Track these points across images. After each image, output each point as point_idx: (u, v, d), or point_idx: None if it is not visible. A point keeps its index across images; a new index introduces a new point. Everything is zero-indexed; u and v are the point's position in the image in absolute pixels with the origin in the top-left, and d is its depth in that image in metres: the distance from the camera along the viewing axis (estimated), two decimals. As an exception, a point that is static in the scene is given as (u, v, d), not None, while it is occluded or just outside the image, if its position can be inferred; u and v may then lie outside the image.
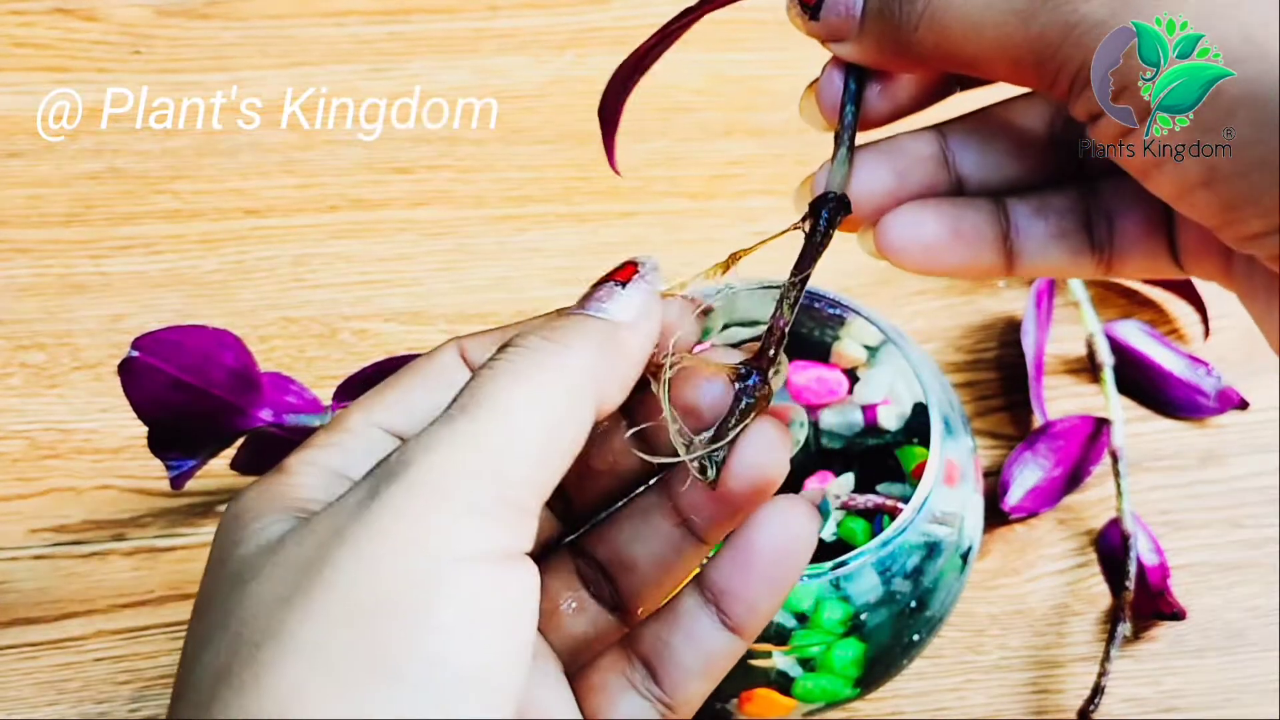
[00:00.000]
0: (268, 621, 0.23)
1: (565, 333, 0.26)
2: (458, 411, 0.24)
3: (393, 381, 0.28)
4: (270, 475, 0.27)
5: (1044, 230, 0.30)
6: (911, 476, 0.42)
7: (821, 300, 0.43)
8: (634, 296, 0.27)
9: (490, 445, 0.24)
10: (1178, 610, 0.46)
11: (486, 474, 0.24)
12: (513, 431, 0.24)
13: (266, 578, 0.24)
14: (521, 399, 0.25)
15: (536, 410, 0.25)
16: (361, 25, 0.60)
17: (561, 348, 0.26)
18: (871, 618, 0.39)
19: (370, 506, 0.23)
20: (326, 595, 0.23)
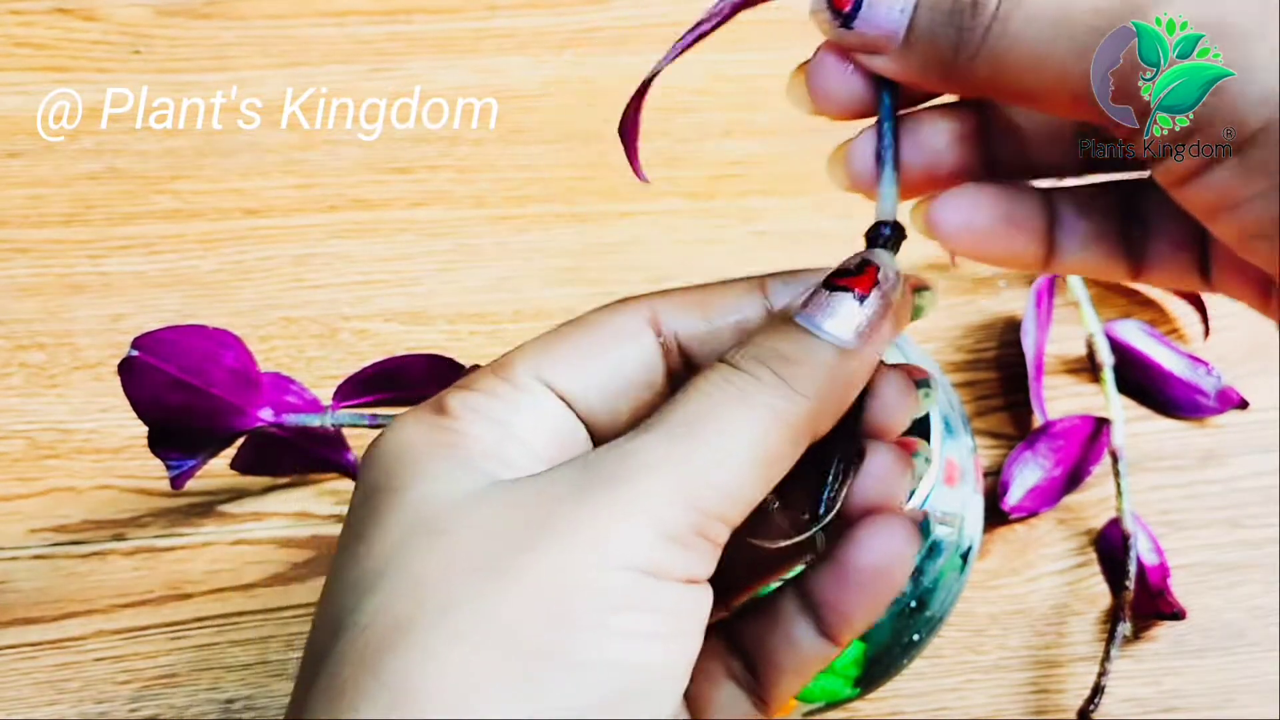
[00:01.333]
0: (461, 588, 0.23)
1: (793, 362, 0.25)
2: (677, 428, 0.24)
3: (566, 333, 0.28)
4: (428, 413, 0.26)
5: (1086, 229, 0.29)
6: (911, 476, 0.42)
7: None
8: (872, 317, 0.26)
9: (701, 477, 0.24)
10: (1178, 610, 0.46)
11: (693, 504, 0.24)
12: (726, 467, 0.24)
13: (462, 541, 0.24)
14: (741, 433, 0.24)
15: (754, 448, 0.24)
16: (361, 25, 0.60)
17: (787, 386, 0.25)
18: (871, 618, 0.39)
19: (578, 509, 0.24)
20: (524, 581, 0.23)
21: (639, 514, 0.23)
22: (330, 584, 0.25)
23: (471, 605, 0.23)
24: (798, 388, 0.25)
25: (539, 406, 0.27)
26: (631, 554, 0.23)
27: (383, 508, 0.25)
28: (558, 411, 0.27)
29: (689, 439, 0.24)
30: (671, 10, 0.60)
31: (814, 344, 0.26)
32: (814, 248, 0.55)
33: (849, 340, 0.26)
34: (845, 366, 0.26)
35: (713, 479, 0.24)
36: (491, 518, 0.24)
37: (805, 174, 0.56)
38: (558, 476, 0.24)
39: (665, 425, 0.25)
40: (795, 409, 0.25)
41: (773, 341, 0.26)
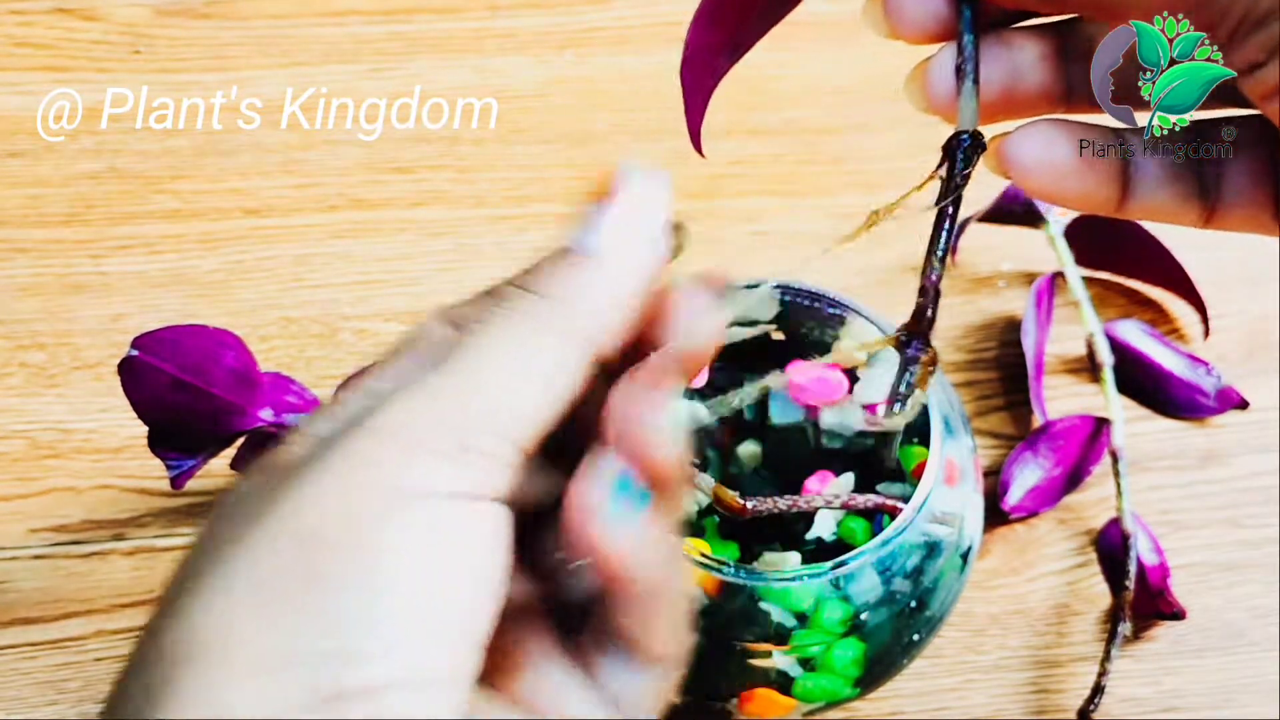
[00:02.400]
0: (209, 560, 0.22)
1: (541, 279, 0.25)
2: (429, 367, 0.24)
3: (384, 355, 0.27)
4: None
5: (1159, 168, 0.28)
6: (911, 476, 0.42)
7: (821, 300, 0.43)
8: (612, 221, 0.26)
9: (456, 394, 0.23)
10: (1178, 610, 0.46)
11: (451, 421, 0.23)
12: (482, 382, 0.23)
13: (219, 524, 0.23)
14: (496, 352, 0.24)
15: (510, 360, 0.24)
16: (361, 25, 0.60)
17: (538, 297, 0.25)
18: (871, 617, 0.39)
19: (327, 449, 0.23)
20: (267, 526, 0.22)
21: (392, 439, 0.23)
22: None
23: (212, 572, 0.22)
24: (545, 296, 0.25)
25: None
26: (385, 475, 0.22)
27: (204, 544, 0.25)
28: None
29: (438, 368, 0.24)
30: (671, 10, 0.60)
31: (562, 258, 0.25)
32: (813, 248, 0.55)
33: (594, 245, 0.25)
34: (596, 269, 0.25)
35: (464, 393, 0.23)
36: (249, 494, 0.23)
37: (805, 174, 0.56)
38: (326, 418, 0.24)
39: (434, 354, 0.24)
40: (550, 317, 0.24)
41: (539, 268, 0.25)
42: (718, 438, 0.44)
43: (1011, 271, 0.54)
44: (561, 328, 0.25)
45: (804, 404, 0.44)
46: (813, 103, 0.58)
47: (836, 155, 0.57)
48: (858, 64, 0.58)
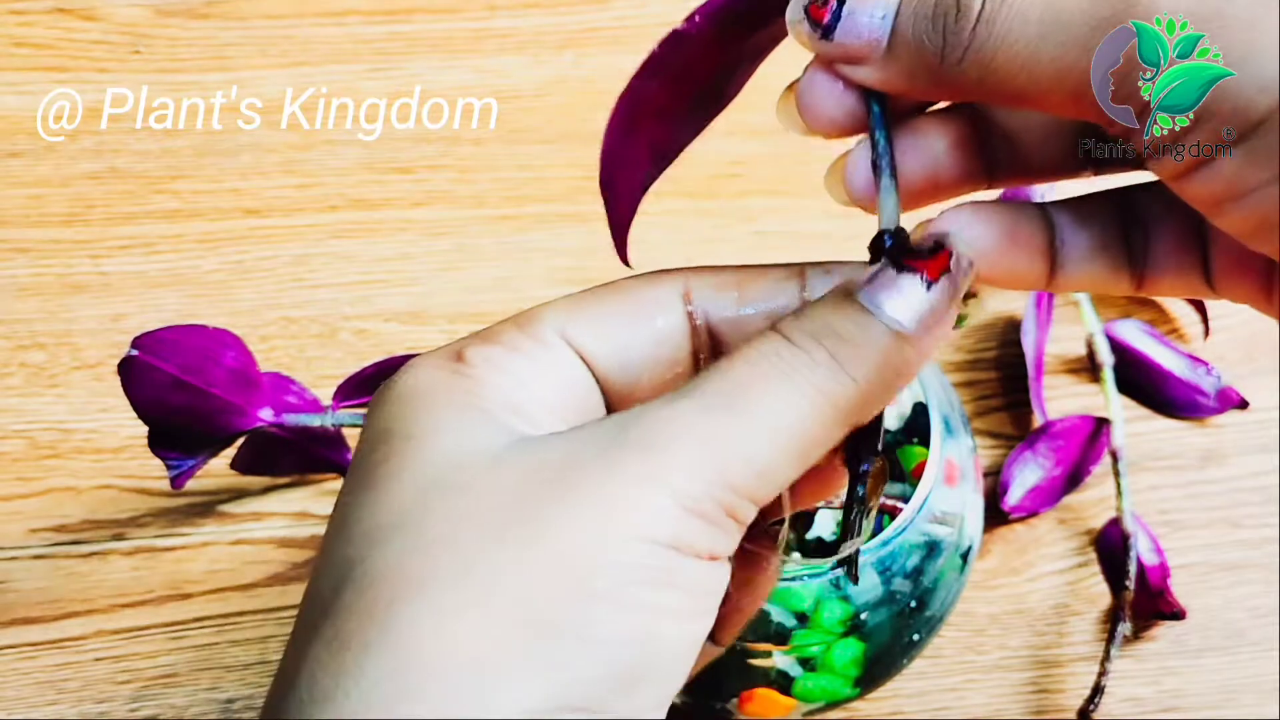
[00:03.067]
0: (479, 550, 0.22)
1: (848, 342, 0.24)
2: (716, 397, 0.24)
3: (598, 294, 0.27)
4: (446, 359, 0.26)
5: (1086, 241, 0.28)
6: (911, 476, 0.42)
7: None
8: (936, 304, 0.25)
9: (735, 452, 0.23)
10: (1178, 610, 0.46)
11: (722, 479, 0.23)
12: (762, 444, 0.23)
13: (483, 500, 0.23)
14: (782, 410, 0.24)
15: (794, 428, 0.24)
16: (362, 25, 0.60)
17: (838, 363, 0.24)
18: (871, 617, 0.39)
19: (604, 475, 0.23)
20: (543, 548, 0.22)
21: (666, 485, 0.23)
22: (336, 531, 0.24)
23: (488, 569, 0.22)
24: (849, 370, 0.24)
25: (559, 364, 0.26)
26: (655, 527, 0.23)
27: (398, 456, 0.24)
28: (577, 372, 0.26)
29: (727, 411, 0.23)
30: (671, 10, 0.59)
31: (873, 326, 0.24)
32: (814, 248, 0.55)
33: (910, 326, 0.24)
34: (901, 354, 0.24)
35: (746, 455, 0.23)
36: (514, 478, 0.23)
37: (805, 174, 0.56)
38: (585, 437, 0.24)
39: (704, 393, 0.24)
40: (844, 392, 0.24)
41: (830, 317, 0.25)
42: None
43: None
44: (844, 401, 0.24)
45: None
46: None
47: (836, 155, 0.57)
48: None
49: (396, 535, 0.23)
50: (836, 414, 0.24)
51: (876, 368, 0.24)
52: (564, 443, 0.24)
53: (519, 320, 0.27)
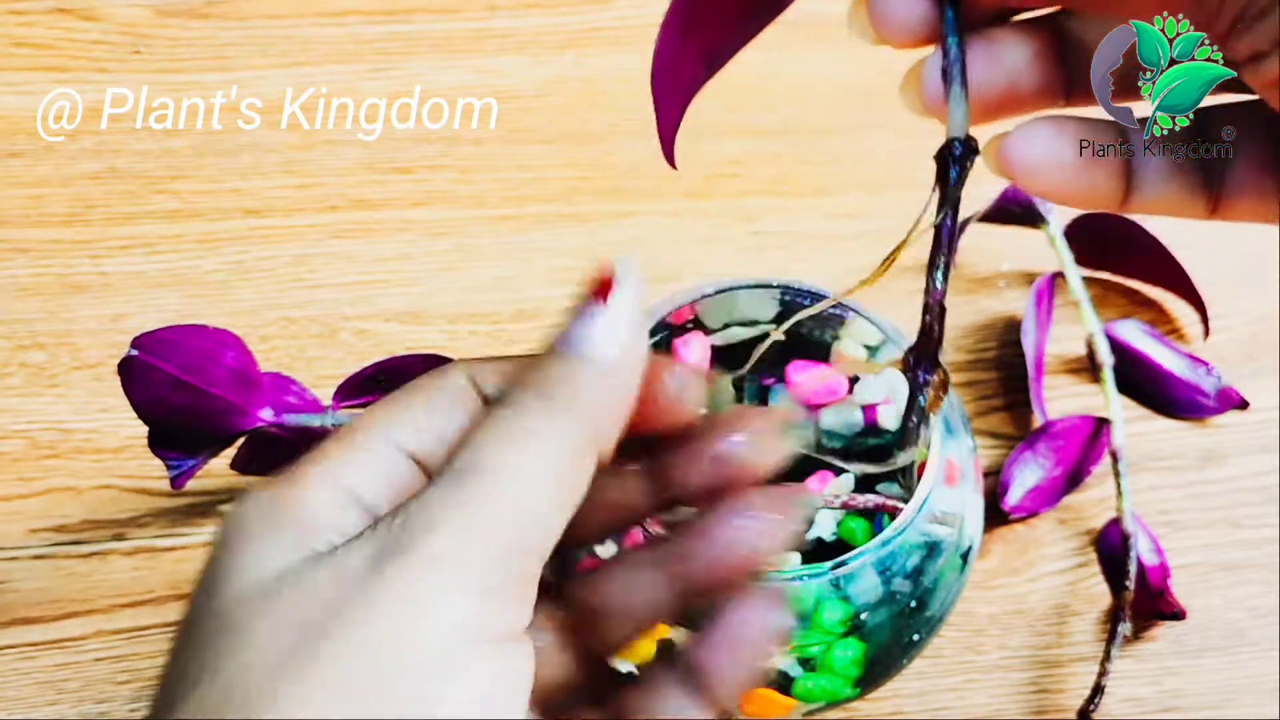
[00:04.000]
0: (260, 687, 0.22)
1: (556, 387, 0.25)
2: (463, 475, 0.24)
3: (404, 398, 0.27)
4: (280, 482, 0.26)
5: (1163, 162, 0.28)
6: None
7: (821, 300, 0.42)
8: (616, 323, 0.26)
9: (494, 517, 0.24)
10: (1178, 610, 0.46)
11: (496, 549, 0.23)
12: (517, 500, 0.24)
13: (262, 633, 0.23)
14: (528, 464, 0.24)
15: (539, 475, 0.24)
16: (362, 25, 0.60)
17: (554, 407, 0.25)
18: (871, 617, 0.39)
19: (376, 577, 0.23)
20: (324, 670, 0.22)
21: (442, 572, 0.23)
22: (179, 636, 0.25)
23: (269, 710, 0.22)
24: (561, 407, 0.25)
25: (390, 469, 0.26)
26: (440, 619, 0.23)
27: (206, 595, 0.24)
28: (405, 470, 0.26)
29: (474, 483, 0.24)
30: (671, 10, 0.60)
31: (568, 363, 0.26)
32: (814, 248, 0.55)
33: (600, 350, 0.26)
34: (607, 377, 0.26)
35: (510, 516, 0.24)
36: (292, 603, 0.23)
37: (805, 174, 0.56)
38: (358, 545, 0.24)
39: (450, 475, 0.24)
40: (574, 429, 0.25)
41: (533, 373, 0.26)
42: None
43: (1011, 271, 0.54)
44: (573, 434, 0.25)
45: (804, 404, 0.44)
46: (812, 103, 0.58)
47: (836, 155, 0.57)
48: (857, 64, 0.58)
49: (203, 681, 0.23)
50: (576, 450, 0.25)
51: (592, 397, 0.25)
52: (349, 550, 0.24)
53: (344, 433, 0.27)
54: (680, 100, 0.31)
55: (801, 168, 0.56)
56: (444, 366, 0.28)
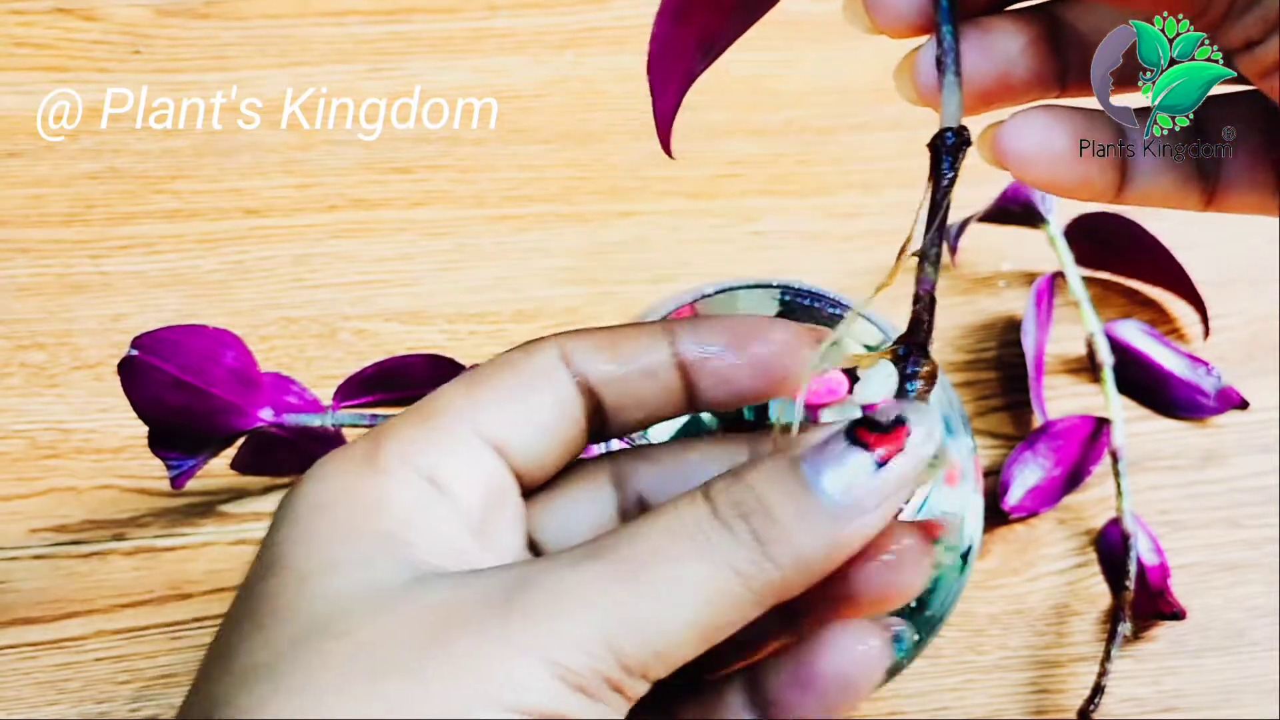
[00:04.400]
0: (349, 702, 0.21)
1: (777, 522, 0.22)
2: (623, 564, 0.22)
3: (488, 377, 0.26)
4: (359, 462, 0.25)
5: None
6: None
7: (821, 300, 0.42)
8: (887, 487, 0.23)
9: (633, 628, 0.22)
10: (1178, 610, 0.46)
11: (613, 654, 0.22)
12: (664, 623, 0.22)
13: (361, 648, 0.22)
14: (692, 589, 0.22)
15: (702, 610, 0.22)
16: (361, 25, 0.60)
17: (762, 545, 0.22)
18: (871, 618, 0.39)
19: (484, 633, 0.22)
20: (404, 707, 0.21)
21: (548, 657, 0.21)
22: (214, 660, 0.23)
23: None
24: (774, 554, 0.22)
25: (472, 458, 0.25)
26: (529, 699, 0.21)
27: (288, 593, 0.23)
28: (489, 462, 0.25)
29: (632, 581, 0.22)
30: (671, 10, 0.59)
31: (809, 505, 0.22)
32: (814, 248, 0.55)
33: (852, 508, 0.22)
34: (836, 539, 0.22)
35: (645, 633, 0.22)
36: (395, 627, 0.22)
37: (805, 174, 0.56)
38: (477, 590, 0.22)
39: (611, 559, 0.22)
40: (764, 577, 0.22)
41: (764, 490, 0.23)
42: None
43: (1011, 271, 0.54)
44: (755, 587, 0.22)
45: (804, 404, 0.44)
46: (813, 103, 0.58)
47: (836, 155, 0.57)
48: (858, 64, 0.58)
49: (266, 679, 0.22)
50: (752, 599, 0.22)
51: (806, 554, 0.22)
52: (454, 592, 0.22)
53: (428, 413, 0.26)
54: (676, 88, 0.30)
55: (801, 168, 0.56)
56: (534, 342, 0.27)
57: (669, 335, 0.27)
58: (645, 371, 0.27)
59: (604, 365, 0.27)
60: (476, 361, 0.39)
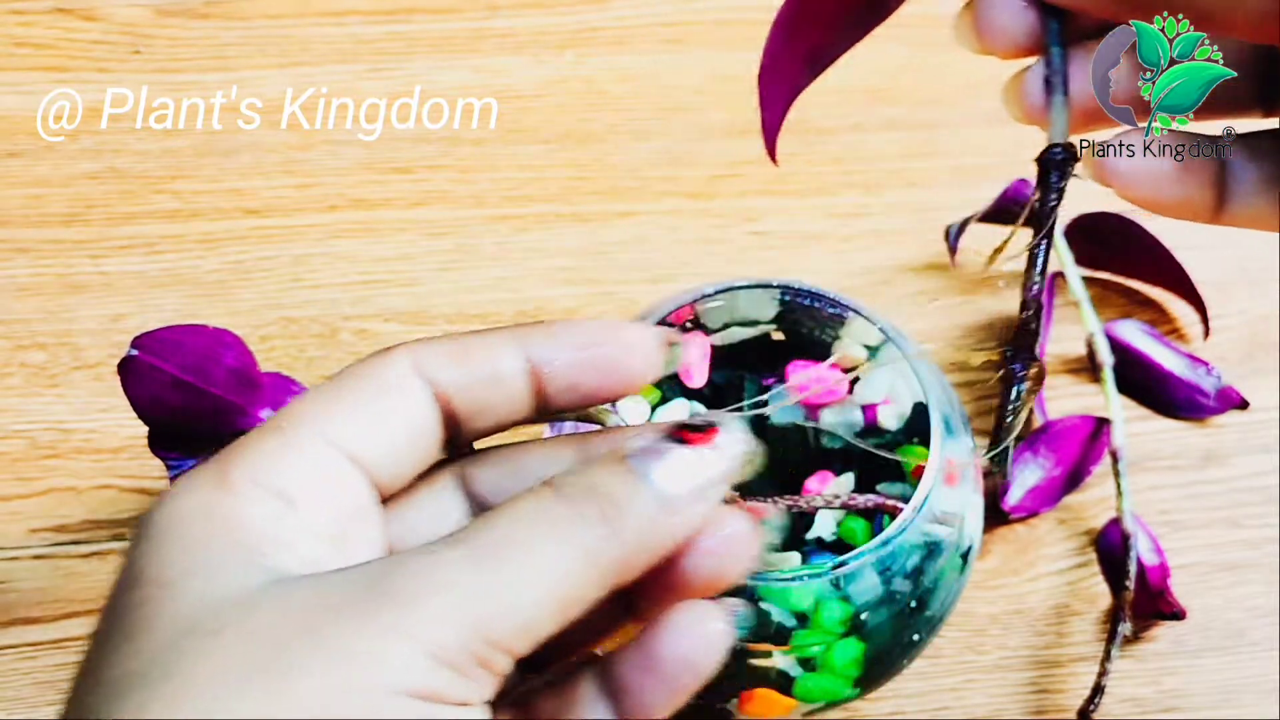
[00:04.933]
0: (227, 698, 0.22)
1: (615, 503, 0.24)
2: (481, 549, 0.24)
3: (340, 389, 0.27)
4: (209, 485, 0.25)
5: (1256, 176, 0.28)
6: (911, 476, 0.42)
7: (822, 300, 0.43)
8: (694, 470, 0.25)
9: (494, 606, 0.23)
10: (1178, 610, 0.46)
11: (479, 632, 0.23)
12: (523, 599, 0.23)
13: (235, 647, 0.22)
14: (546, 566, 0.24)
15: (557, 585, 0.24)
16: (361, 25, 0.60)
17: (606, 523, 0.24)
18: (872, 617, 0.39)
19: (357, 623, 0.23)
20: (292, 696, 0.22)
21: (418, 636, 0.22)
22: (84, 677, 0.24)
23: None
24: (616, 531, 0.24)
25: (325, 470, 0.26)
26: (403, 678, 0.22)
27: (152, 602, 0.24)
28: (345, 473, 0.26)
29: (491, 563, 0.23)
30: (671, 11, 0.60)
31: (642, 491, 0.25)
32: (813, 248, 0.55)
33: (677, 495, 0.25)
34: (667, 521, 0.25)
35: (506, 610, 0.23)
36: (265, 624, 0.23)
37: (805, 174, 0.56)
38: (342, 582, 0.23)
39: (469, 544, 0.24)
40: (608, 552, 0.24)
41: (603, 478, 0.25)
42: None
43: (1012, 271, 0.54)
44: (602, 556, 0.24)
45: (804, 404, 0.44)
46: (813, 103, 0.58)
47: (836, 155, 0.57)
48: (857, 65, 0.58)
49: (141, 685, 0.22)
50: (599, 573, 0.24)
51: (642, 532, 0.25)
52: (319, 586, 0.23)
53: (279, 428, 0.26)
54: (784, 100, 0.32)
55: (801, 168, 0.56)
56: (385, 351, 0.27)
57: (519, 342, 0.28)
58: (495, 379, 0.28)
59: (454, 374, 0.27)
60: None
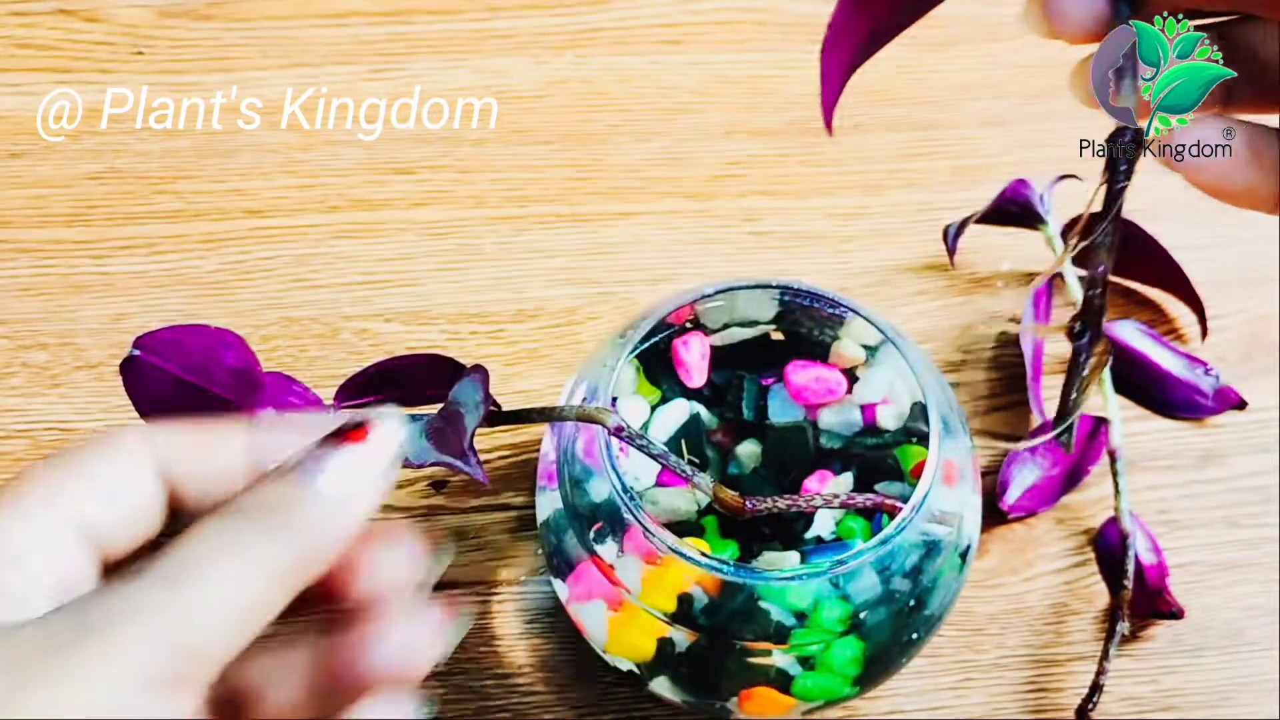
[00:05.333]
0: None
1: (282, 511, 0.26)
2: (164, 574, 0.25)
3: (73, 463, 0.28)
4: None
5: None
6: (910, 476, 0.42)
7: (821, 300, 0.43)
8: (353, 468, 0.27)
9: (184, 624, 0.24)
10: (1176, 609, 0.46)
11: (176, 649, 0.24)
12: (209, 613, 0.25)
13: None
14: (226, 580, 0.25)
15: (238, 595, 0.25)
16: (362, 26, 0.60)
17: (274, 532, 0.26)
18: (870, 616, 0.39)
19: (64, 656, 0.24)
20: None
21: (119, 661, 0.24)
22: None
23: None
24: (286, 538, 0.26)
25: (51, 539, 0.27)
26: (113, 702, 0.24)
27: None
28: (69, 543, 0.27)
29: (175, 585, 0.25)
30: (671, 11, 0.60)
31: (304, 495, 0.26)
32: (813, 248, 0.55)
33: (341, 495, 0.27)
34: (332, 518, 0.26)
35: (196, 626, 0.25)
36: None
37: (805, 174, 0.57)
38: (50, 621, 0.25)
39: (154, 571, 0.25)
40: (282, 557, 0.26)
41: (268, 490, 0.26)
42: (718, 437, 0.44)
43: (1010, 272, 0.55)
44: (281, 560, 0.26)
45: (803, 404, 0.44)
46: (813, 103, 0.58)
47: (836, 155, 0.57)
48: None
49: None
50: (278, 579, 0.26)
51: (314, 536, 0.26)
52: (31, 629, 0.25)
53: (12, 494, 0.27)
54: (843, 72, 0.32)
55: (801, 168, 0.57)
56: (116, 431, 0.29)
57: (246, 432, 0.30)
58: (220, 468, 0.29)
59: (183, 458, 0.29)
60: (477, 361, 0.39)
